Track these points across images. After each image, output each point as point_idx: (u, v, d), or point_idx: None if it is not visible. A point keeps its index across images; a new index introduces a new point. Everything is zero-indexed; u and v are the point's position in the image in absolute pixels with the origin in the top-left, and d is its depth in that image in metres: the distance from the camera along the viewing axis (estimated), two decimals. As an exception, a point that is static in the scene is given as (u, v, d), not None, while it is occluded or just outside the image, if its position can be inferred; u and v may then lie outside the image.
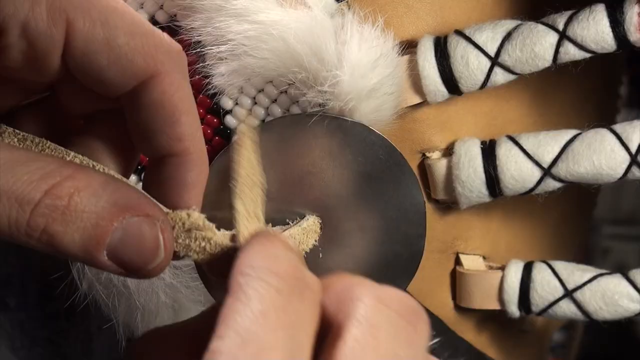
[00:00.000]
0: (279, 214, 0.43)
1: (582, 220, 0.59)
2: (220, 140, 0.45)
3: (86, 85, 0.34)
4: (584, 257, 0.60)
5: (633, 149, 0.42)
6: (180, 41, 0.39)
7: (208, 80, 0.42)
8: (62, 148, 0.36)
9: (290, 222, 0.43)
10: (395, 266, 0.44)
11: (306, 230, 0.42)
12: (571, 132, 0.44)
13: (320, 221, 0.43)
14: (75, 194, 0.32)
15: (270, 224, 0.43)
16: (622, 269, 0.46)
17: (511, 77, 0.44)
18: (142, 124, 0.35)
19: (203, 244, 0.35)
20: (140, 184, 0.47)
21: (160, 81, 0.34)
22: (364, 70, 0.42)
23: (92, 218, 0.32)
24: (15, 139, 0.35)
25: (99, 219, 0.32)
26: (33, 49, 0.32)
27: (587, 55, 0.43)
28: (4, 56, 0.32)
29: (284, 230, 0.42)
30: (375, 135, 0.42)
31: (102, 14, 0.32)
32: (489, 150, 0.45)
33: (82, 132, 0.38)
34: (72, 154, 0.35)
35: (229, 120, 0.45)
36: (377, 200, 0.43)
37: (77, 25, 0.32)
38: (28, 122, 0.37)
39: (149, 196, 0.34)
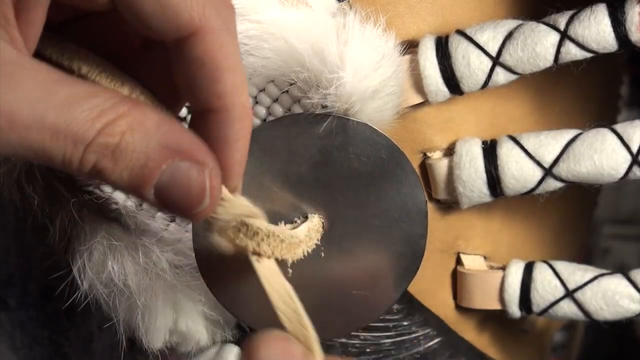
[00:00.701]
0: (284, 209, 0.43)
1: (583, 221, 0.59)
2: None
3: (131, 24, 0.34)
4: (584, 257, 0.60)
5: (634, 149, 0.42)
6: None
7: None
8: (122, 74, 0.35)
9: (297, 220, 0.43)
10: (397, 266, 0.44)
11: (312, 230, 0.42)
12: (572, 132, 0.44)
13: (323, 220, 0.43)
14: (127, 132, 0.32)
15: (283, 222, 0.43)
16: (623, 269, 0.46)
17: (512, 77, 0.44)
18: (184, 76, 0.35)
19: (234, 224, 0.35)
20: None
21: (203, 38, 0.33)
22: (367, 72, 0.41)
23: (141, 158, 0.32)
24: (77, 57, 0.34)
25: (148, 159, 0.32)
26: None
27: (589, 55, 0.42)
28: None
29: (295, 228, 0.42)
30: (379, 134, 0.42)
31: None
32: (490, 150, 0.45)
33: (139, 56, 0.37)
34: (132, 83, 0.35)
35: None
36: (379, 199, 0.43)
37: None
38: (88, 34, 0.37)
39: (202, 142, 0.34)
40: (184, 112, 0.45)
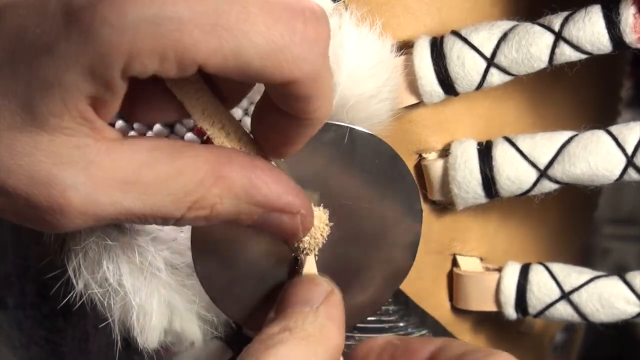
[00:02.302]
0: None
1: (581, 222, 0.59)
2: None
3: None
4: (584, 257, 0.60)
5: (629, 151, 0.42)
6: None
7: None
8: (222, 109, 0.36)
9: None
10: (388, 269, 0.43)
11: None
12: (567, 134, 0.44)
13: (328, 223, 0.43)
14: (218, 204, 0.34)
15: None
16: (622, 269, 0.46)
17: (507, 78, 0.44)
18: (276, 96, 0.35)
19: None
20: None
21: (292, 85, 0.33)
22: (362, 77, 0.41)
23: (233, 217, 0.35)
24: (175, 86, 0.35)
25: (239, 216, 0.35)
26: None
27: (583, 56, 0.42)
28: None
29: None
30: (384, 145, 0.41)
31: (236, 46, 0.31)
32: (485, 151, 0.45)
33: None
34: (229, 117, 0.36)
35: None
36: (377, 207, 0.42)
37: (209, 63, 0.31)
38: None
39: (290, 183, 0.36)
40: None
